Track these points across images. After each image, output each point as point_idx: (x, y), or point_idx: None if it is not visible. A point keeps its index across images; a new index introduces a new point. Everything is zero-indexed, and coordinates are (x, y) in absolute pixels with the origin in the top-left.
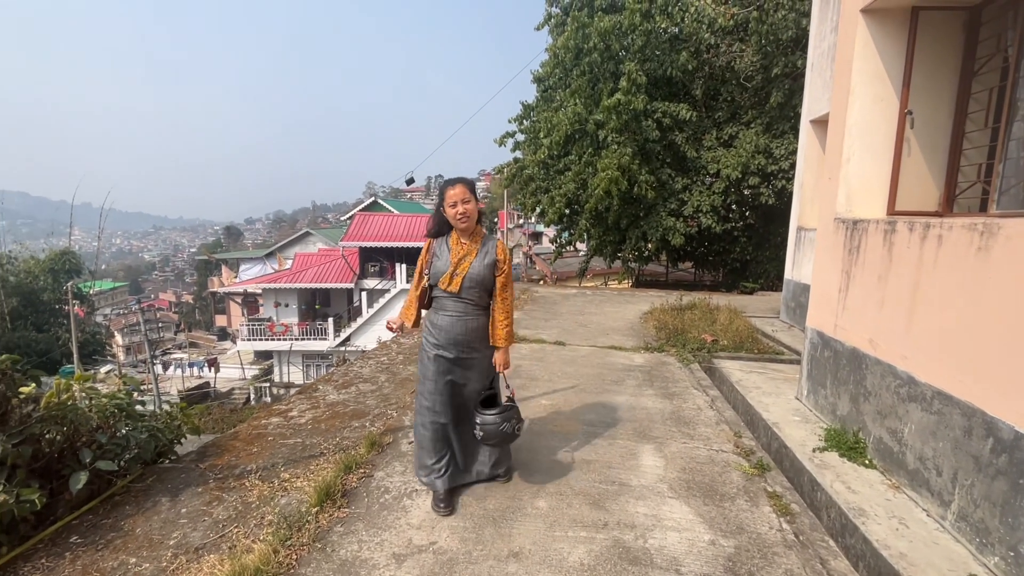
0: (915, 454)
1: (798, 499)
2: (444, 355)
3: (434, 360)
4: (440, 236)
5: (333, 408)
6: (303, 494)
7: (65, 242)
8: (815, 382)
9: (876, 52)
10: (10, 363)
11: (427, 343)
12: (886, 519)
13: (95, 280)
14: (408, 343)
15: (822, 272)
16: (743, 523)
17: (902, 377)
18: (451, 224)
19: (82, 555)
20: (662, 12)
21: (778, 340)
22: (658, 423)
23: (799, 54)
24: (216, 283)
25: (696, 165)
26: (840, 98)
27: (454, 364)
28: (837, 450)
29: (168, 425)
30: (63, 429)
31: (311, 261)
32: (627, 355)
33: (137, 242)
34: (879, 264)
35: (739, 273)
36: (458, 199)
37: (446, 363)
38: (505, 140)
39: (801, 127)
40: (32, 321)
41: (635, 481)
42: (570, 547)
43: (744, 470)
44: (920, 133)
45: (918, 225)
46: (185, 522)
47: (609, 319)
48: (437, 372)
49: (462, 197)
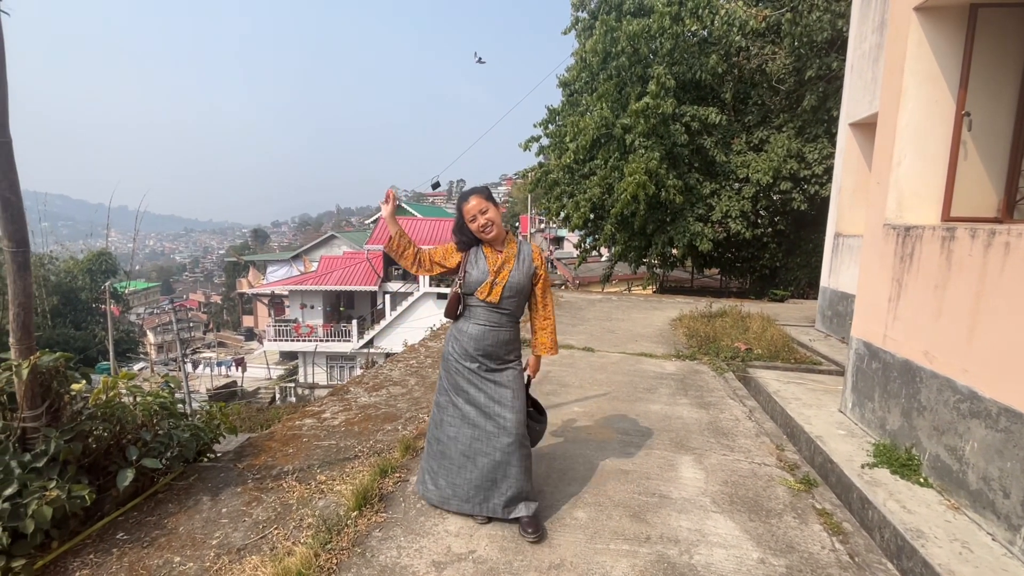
0: (978, 473)
1: (849, 517)
2: (470, 366)
3: (458, 371)
4: (470, 248)
5: (365, 410)
6: (340, 497)
7: (102, 243)
8: (861, 395)
9: (931, 52)
10: (64, 360)
11: (452, 352)
12: (947, 542)
13: (130, 280)
14: (436, 346)
15: (869, 280)
16: (793, 541)
17: (962, 392)
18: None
19: (128, 552)
20: (692, 15)
21: (815, 350)
22: (695, 433)
23: (834, 56)
24: (244, 284)
25: (725, 170)
26: (890, 100)
27: (480, 375)
28: (888, 467)
29: (208, 424)
30: (110, 426)
31: (336, 264)
32: (658, 362)
33: (169, 244)
34: (936, 273)
35: (768, 280)
36: (476, 211)
37: (471, 374)
38: (530, 144)
39: (839, 131)
40: (71, 319)
41: (676, 493)
42: (613, 560)
43: (789, 485)
44: (978, 136)
45: (981, 232)
46: (226, 522)
47: (637, 325)
48: (459, 384)
49: (480, 208)
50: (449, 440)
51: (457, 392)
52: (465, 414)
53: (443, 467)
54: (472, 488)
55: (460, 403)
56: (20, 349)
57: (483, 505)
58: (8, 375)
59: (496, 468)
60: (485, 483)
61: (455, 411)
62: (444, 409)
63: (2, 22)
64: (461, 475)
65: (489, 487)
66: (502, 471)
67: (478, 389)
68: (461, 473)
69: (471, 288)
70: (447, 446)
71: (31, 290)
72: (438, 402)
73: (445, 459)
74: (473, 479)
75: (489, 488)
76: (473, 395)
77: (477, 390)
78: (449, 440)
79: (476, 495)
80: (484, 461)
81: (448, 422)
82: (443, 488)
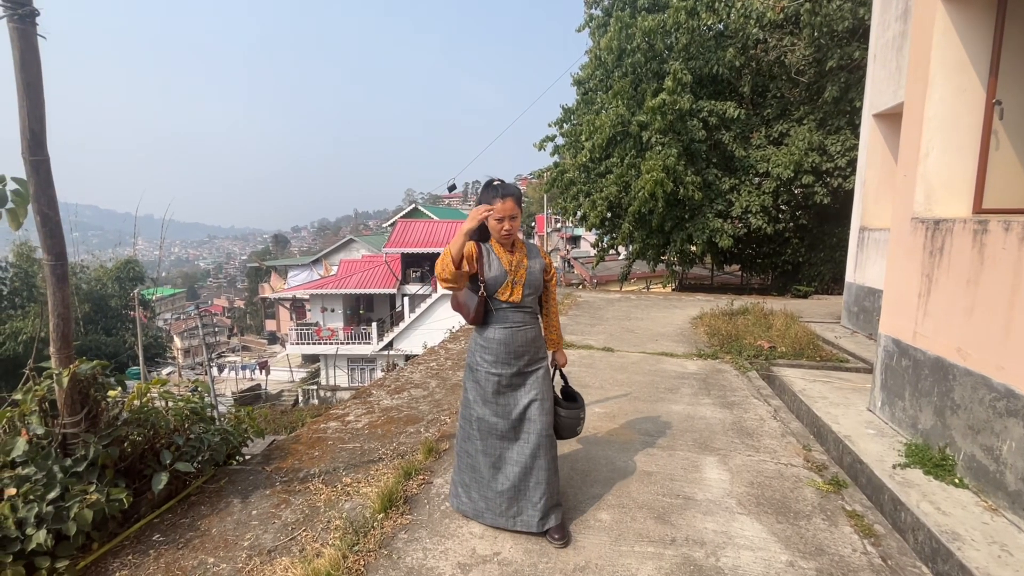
0: (1017, 474)
1: (881, 519)
2: (503, 372)
3: (488, 379)
4: (482, 241)
5: (388, 413)
6: (367, 499)
7: (130, 251)
8: (891, 393)
9: (958, 39)
10: (100, 368)
11: (482, 363)
12: (985, 545)
13: (157, 287)
14: (456, 348)
15: (897, 276)
16: (822, 544)
17: (999, 390)
18: (489, 234)
19: (164, 553)
20: (708, 8)
21: (841, 347)
22: (719, 434)
23: (856, 45)
24: (266, 289)
25: (744, 164)
26: (916, 90)
27: (512, 380)
28: (921, 467)
29: (237, 428)
30: (145, 431)
31: (355, 267)
32: (679, 362)
33: (193, 250)
34: (968, 267)
35: (790, 276)
36: (507, 215)
37: (505, 380)
38: (545, 144)
39: (863, 122)
40: (102, 326)
41: (700, 495)
42: (638, 563)
43: (818, 486)
44: (1009, 125)
45: (1016, 224)
46: (256, 524)
47: (657, 324)
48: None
49: (511, 213)
50: (478, 452)
51: (485, 403)
52: (492, 425)
53: (474, 480)
54: (505, 500)
55: (487, 414)
56: (60, 358)
57: (516, 519)
58: (49, 383)
59: (527, 475)
60: (517, 493)
61: (483, 423)
62: (473, 422)
63: (38, 43)
64: (492, 487)
65: (521, 497)
66: (534, 477)
67: (508, 396)
68: (492, 485)
69: (492, 291)
70: (476, 459)
71: (69, 301)
72: (466, 415)
73: (475, 472)
74: (505, 490)
75: (521, 498)
76: (502, 403)
77: (506, 398)
78: (478, 452)
79: (510, 507)
80: (514, 470)
81: (476, 435)
82: (476, 500)
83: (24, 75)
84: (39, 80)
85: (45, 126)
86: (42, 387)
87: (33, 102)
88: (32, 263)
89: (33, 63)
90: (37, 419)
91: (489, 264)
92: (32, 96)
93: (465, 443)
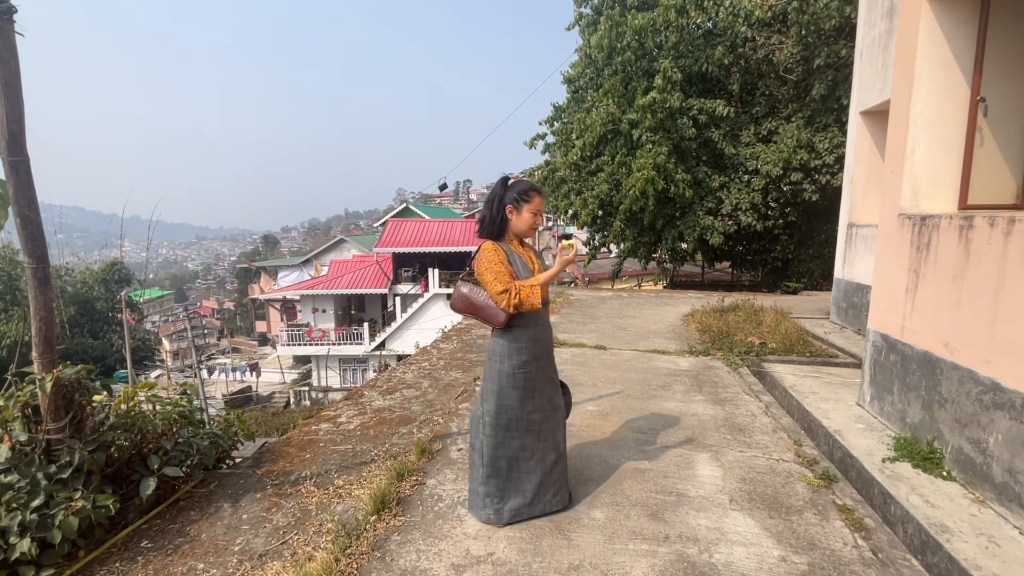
0: (1003, 466)
1: (871, 513)
2: (541, 368)
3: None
4: (500, 240)
5: (380, 414)
6: (359, 501)
7: (117, 253)
8: (879, 387)
9: (943, 37)
10: (85, 372)
11: (517, 365)
12: (973, 536)
13: (144, 289)
14: (448, 348)
15: (885, 271)
16: (814, 538)
17: (985, 383)
18: (514, 230)
19: (153, 560)
20: (697, 7)
21: (830, 342)
22: (711, 430)
23: (843, 43)
24: (256, 290)
25: (734, 162)
26: (902, 87)
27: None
28: (910, 460)
29: (226, 431)
30: (132, 436)
31: (346, 267)
32: (671, 359)
33: (181, 252)
34: (953, 262)
35: (780, 272)
36: (538, 210)
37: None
38: (535, 142)
39: (850, 119)
40: (88, 329)
41: (693, 492)
42: (632, 561)
43: (809, 481)
44: (994, 121)
45: (1000, 220)
46: (247, 528)
47: (649, 322)
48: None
49: (541, 209)
50: (521, 451)
51: (525, 400)
52: (533, 422)
53: (512, 480)
54: (539, 488)
55: (530, 411)
56: (43, 363)
57: (552, 501)
58: (32, 388)
59: (560, 460)
60: (549, 478)
61: (523, 423)
62: (513, 423)
63: (16, 41)
64: (531, 479)
65: (549, 480)
66: (562, 461)
67: (548, 390)
68: (531, 478)
69: None
70: (517, 458)
71: (52, 304)
72: (499, 423)
73: (513, 472)
74: (541, 479)
75: (550, 482)
76: (540, 398)
77: (545, 391)
78: (521, 451)
79: (546, 493)
80: (552, 457)
81: (515, 435)
82: (511, 503)
83: (2, 73)
84: (18, 79)
85: (24, 126)
86: (25, 393)
87: (11, 101)
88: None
89: (11, 61)
90: (20, 425)
91: (516, 265)
92: (10, 95)
93: (501, 449)
